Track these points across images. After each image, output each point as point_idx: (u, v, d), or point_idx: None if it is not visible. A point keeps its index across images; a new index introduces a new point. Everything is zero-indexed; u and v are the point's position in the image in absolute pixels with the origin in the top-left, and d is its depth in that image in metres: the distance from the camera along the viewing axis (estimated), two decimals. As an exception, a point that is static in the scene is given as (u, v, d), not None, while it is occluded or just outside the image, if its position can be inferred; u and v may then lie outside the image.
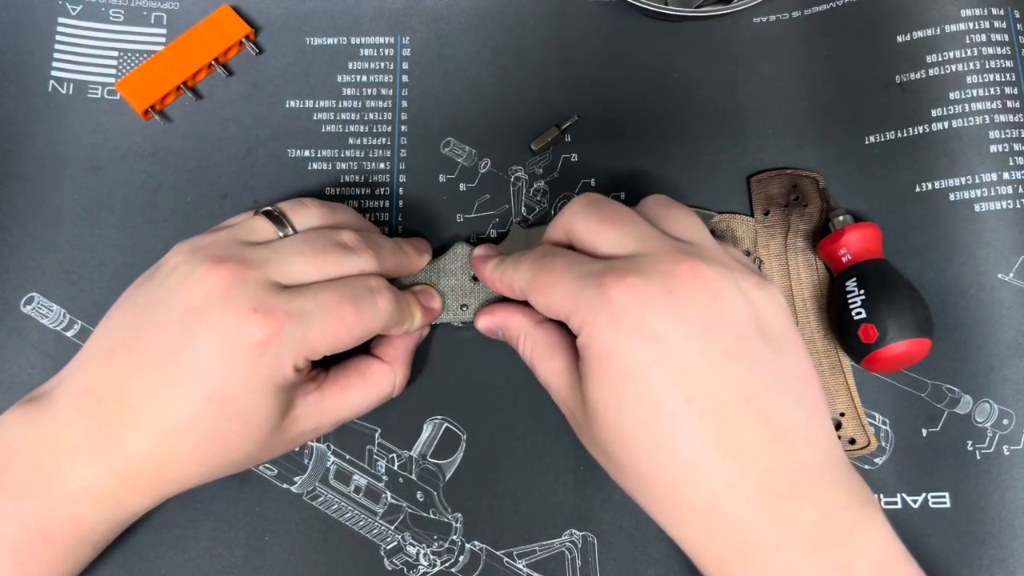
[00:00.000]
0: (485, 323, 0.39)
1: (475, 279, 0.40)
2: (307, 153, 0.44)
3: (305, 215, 0.37)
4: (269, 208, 0.37)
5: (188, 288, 0.32)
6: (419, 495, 0.40)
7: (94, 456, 0.32)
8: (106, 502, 0.33)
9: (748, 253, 0.43)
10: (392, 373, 0.38)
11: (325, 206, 0.38)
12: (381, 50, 0.46)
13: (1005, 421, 0.40)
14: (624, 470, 0.31)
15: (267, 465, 0.40)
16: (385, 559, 0.39)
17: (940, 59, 0.44)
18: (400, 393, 0.39)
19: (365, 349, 0.39)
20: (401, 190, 0.44)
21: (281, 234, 0.36)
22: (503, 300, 0.39)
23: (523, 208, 0.44)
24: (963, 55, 0.44)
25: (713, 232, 0.43)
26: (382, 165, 0.44)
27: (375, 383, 0.38)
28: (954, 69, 0.44)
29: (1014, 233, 0.42)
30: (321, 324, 0.33)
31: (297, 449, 0.40)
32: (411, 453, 0.41)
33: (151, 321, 0.32)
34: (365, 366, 0.38)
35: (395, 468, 0.40)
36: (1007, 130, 0.43)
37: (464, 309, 0.40)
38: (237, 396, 0.32)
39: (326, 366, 0.37)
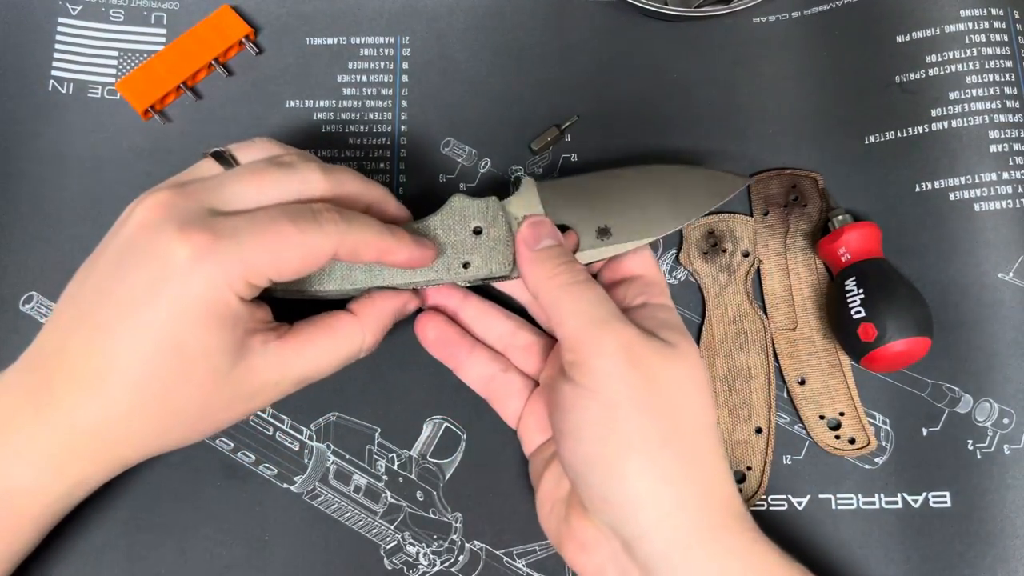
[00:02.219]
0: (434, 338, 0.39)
1: (476, 232, 0.37)
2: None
3: (252, 151, 0.35)
4: (219, 149, 0.35)
5: (125, 228, 0.31)
6: (419, 495, 0.40)
7: (34, 419, 0.31)
8: (45, 470, 0.31)
9: (747, 253, 0.43)
10: (360, 328, 0.35)
11: (278, 145, 0.36)
12: (381, 50, 0.46)
13: (1005, 420, 0.40)
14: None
15: (267, 465, 0.40)
16: (385, 559, 0.39)
17: (940, 59, 0.44)
18: (368, 354, 0.37)
19: (342, 307, 0.37)
20: (401, 190, 0.44)
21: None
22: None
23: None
24: (963, 55, 0.44)
25: (712, 232, 0.43)
26: (382, 165, 0.44)
27: (340, 336, 0.35)
28: (954, 69, 0.44)
29: (1014, 233, 0.42)
30: (256, 240, 0.30)
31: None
32: (411, 453, 0.41)
33: (92, 270, 0.32)
34: (332, 319, 0.35)
35: (395, 468, 0.40)
36: (1007, 130, 0.43)
37: (466, 267, 0.36)
38: (173, 328, 0.30)
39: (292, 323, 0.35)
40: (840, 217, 0.41)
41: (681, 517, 0.31)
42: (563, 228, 0.38)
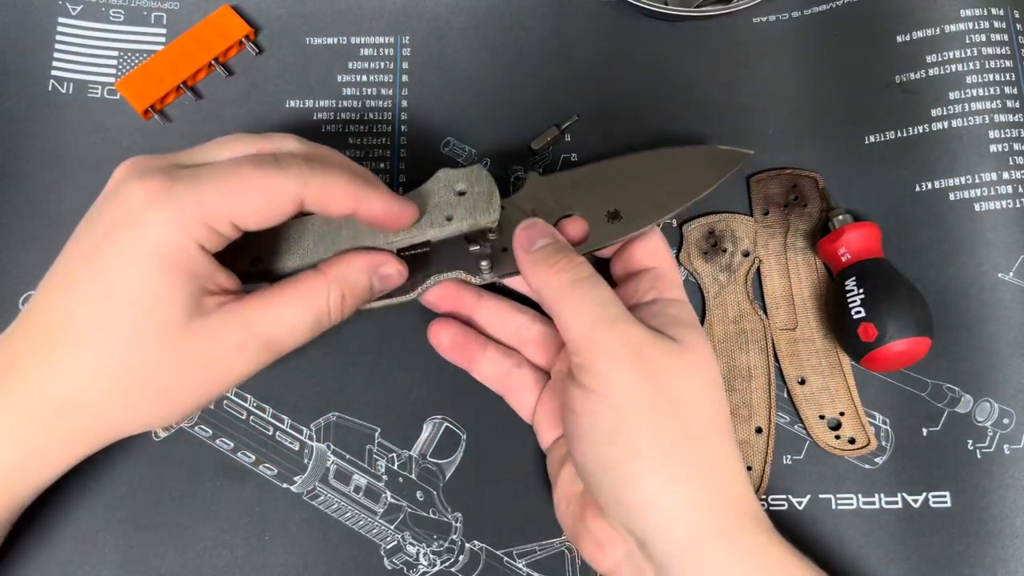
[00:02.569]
0: (448, 342, 0.39)
1: (461, 193, 0.36)
2: (307, 153, 0.44)
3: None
4: None
5: (101, 195, 0.32)
6: (419, 495, 0.40)
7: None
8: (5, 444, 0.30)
9: (747, 253, 0.43)
10: (325, 283, 0.33)
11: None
12: (381, 50, 0.46)
13: (1005, 420, 0.40)
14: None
15: (267, 465, 0.40)
16: (385, 559, 0.39)
17: (940, 59, 0.44)
18: (342, 317, 0.34)
19: None
20: (401, 190, 0.44)
21: None
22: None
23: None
24: (963, 55, 0.44)
25: (712, 232, 0.43)
26: (382, 165, 0.44)
27: (303, 293, 0.33)
28: (954, 69, 0.44)
29: (1014, 232, 0.42)
30: (215, 181, 0.30)
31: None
32: (411, 453, 0.41)
33: (69, 240, 0.32)
34: (296, 278, 0.34)
35: (395, 468, 0.40)
36: (1007, 130, 0.43)
37: (450, 220, 0.35)
38: (123, 275, 0.29)
39: None
40: (840, 217, 0.41)
41: (694, 518, 0.31)
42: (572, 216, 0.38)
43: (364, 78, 0.45)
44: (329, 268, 0.34)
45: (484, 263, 0.37)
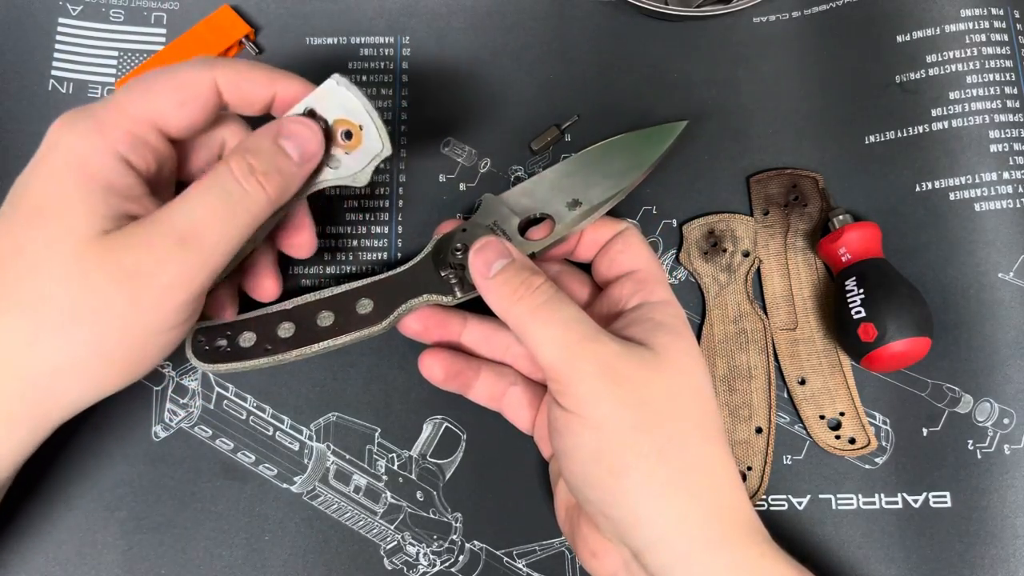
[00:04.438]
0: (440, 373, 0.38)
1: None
2: (307, 153, 0.44)
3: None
4: None
5: None
6: (419, 495, 0.40)
7: None
8: None
9: (747, 253, 0.43)
10: (226, 161, 0.31)
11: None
12: (381, 50, 0.46)
13: (1006, 420, 0.40)
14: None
15: (267, 465, 0.40)
16: (385, 559, 0.39)
17: (940, 59, 0.44)
18: (268, 202, 0.32)
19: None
20: (401, 190, 0.44)
21: None
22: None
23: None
24: (963, 55, 0.44)
25: (712, 232, 0.43)
26: (382, 164, 0.44)
27: (208, 177, 0.31)
28: (954, 69, 0.44)
29: (1014, 232, 0.42)
30: (127, 90, 0.31)
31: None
32: (411, 453, 0.41)
33: None
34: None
35: (395, 468, 0.40)
36: (1007, 130, 0.43)
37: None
38: (42, 193, 0.29)
39: None
40: (840, 217, 0.41)
41: (685, 531, 0.30)
42: (541, 219, 0.38)
43: (364, 78, 0.45)
44: (228, 153, 0.33)
45: (454, 281, 0.37)
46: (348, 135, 0.35)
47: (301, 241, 0.38)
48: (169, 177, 0.34)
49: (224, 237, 0.31)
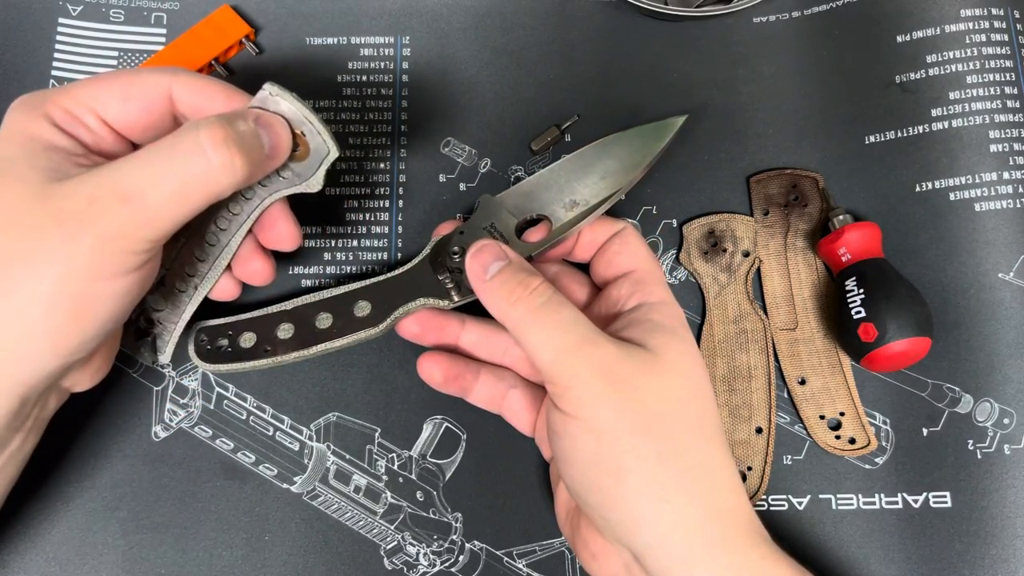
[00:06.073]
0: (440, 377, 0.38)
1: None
2: (307, 153, 0.44)
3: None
4: None
5: None
6: (419, 495, 0.40)
7: None
8: None
9: (748, 253, 0.43)
10: (195, 127, 0.30)
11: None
12: (381, 50, 0.46)
13: (1006, 420, 0.40)
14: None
15: (267, 465, 0.40)
16: (385, 559, 0.39)
17: (940, 59, 0.44)
18: (228, 182, 0.31)
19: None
20: (401, 190, 0.44)
21: None
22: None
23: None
24: (963, 55, 0.44)
25: (712, 232, 0.43)
26: (382, 165, 0.44)
27: (168, 139, 0.30)
28: (954, 69, 0.44)
29: (1014, 232, 0.42)
30: (83, 80, 0.32)
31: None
32: (411, 453, 0.41)
33: None
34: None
35: (395, 468, 0.40)
36: (1007, 130, 0.43)
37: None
38: None
39: None
40: (840, 217, 0.41)
41: (685, 534, 0.30)
42: (538, 220, 0.38)
43: (364, 78, 0.45)
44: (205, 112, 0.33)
45: (450, 285, 0.37)
46: (294, 144, 0.34)
47: (280, 233, 0.37)
48: None
49: (169, 203, 0.29)
